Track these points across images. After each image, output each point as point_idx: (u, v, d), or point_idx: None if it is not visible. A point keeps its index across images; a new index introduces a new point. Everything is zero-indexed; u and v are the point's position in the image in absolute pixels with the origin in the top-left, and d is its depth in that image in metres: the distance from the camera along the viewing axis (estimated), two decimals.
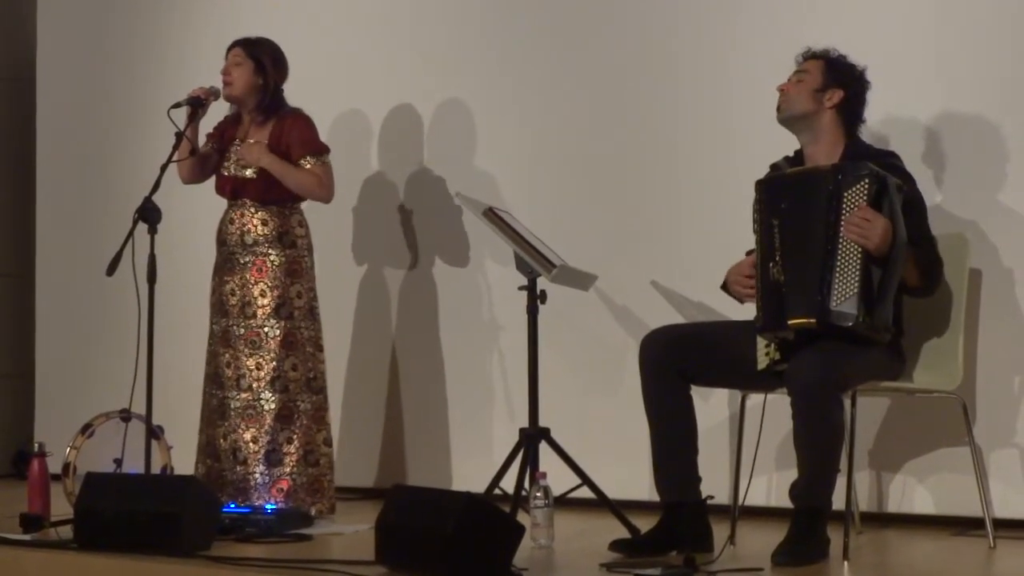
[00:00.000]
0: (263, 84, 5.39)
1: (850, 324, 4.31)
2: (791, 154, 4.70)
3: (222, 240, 5.45)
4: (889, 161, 4.52)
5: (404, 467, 6.09)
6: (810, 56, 4.67)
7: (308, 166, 5.37)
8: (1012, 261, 5.00)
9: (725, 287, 4.71)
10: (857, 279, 4.32)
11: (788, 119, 4.63)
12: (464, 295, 6.01)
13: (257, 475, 5.27)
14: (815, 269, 4.36)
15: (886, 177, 4.39)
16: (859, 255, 4.33)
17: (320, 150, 5.41)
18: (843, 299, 4.32)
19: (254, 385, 5.32)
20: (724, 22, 5.53)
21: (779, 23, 5.34)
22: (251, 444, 5.29)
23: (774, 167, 4.68)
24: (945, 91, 5.11)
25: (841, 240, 4.34)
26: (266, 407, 5.31)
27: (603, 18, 5.77)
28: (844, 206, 4.35)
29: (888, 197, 4.37)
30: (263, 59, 5.39)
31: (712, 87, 5.53)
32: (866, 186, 4.35)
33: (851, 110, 4.62)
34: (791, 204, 4.46)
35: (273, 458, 5.29)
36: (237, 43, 5.43)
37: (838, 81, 4.60)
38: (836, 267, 4.33)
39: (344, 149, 5.80)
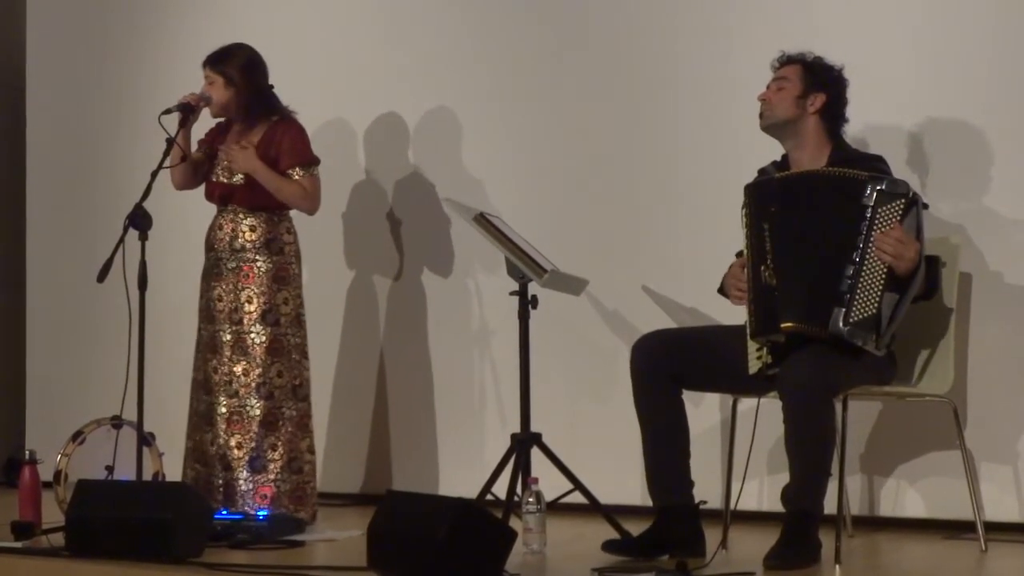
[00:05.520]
0: (235, 94, 5.39)
1: (861, 343, 4.31)
2: (778, 159, 4.70)
3: (210, 246, 5.45)
4: (875, 165, 4.51)
5: (392, 473, 6.09)
6: (786, 61, 4.67)
7: (296, 176, 5.37)
8: (1000, 264, 5.01)
9: (723, 290, 4.70)
10: (877, 299, 4.30)
11: (771, 127, 4.63)
12: (454, 301, 6.01)
13: (241, 481, 5.28)
14: (829, 277, 4.33)
15: (917, 196, 4.38)
16: (883, 274, 4.31)
17: (309, 161, 5.40)
18: (860, 316, 4.30)
19: (240, 391, 5.32)
20: (713, 28, 5.53)
21: (765, 29, 5.34)
22: (236, 450, 5.30)
23: (762, 172, 4.68)
24: (929, 95, 5.12)
25: (869, 256, 4.32)
26: (251, 413, 5.31)
27: (593, 23, 5.78)
28: (877, 221, 4.32)
29: (916, 216, 4.36)
30: (229, 72, 5.39)
31: (702, 91, 5.54)
32: (902, 205, 4.32)
33: (834, 112, 4.61)
34: (784, 207, 4.45)
35: (257, 464, 5.29)
36: (205, 61, 5.44)
37: (819, 85, 4.60)
38: (859, 283, 4.31)
39: (332, 155, 5.80)
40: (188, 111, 5.37)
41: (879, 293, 4.31)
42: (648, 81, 5.66)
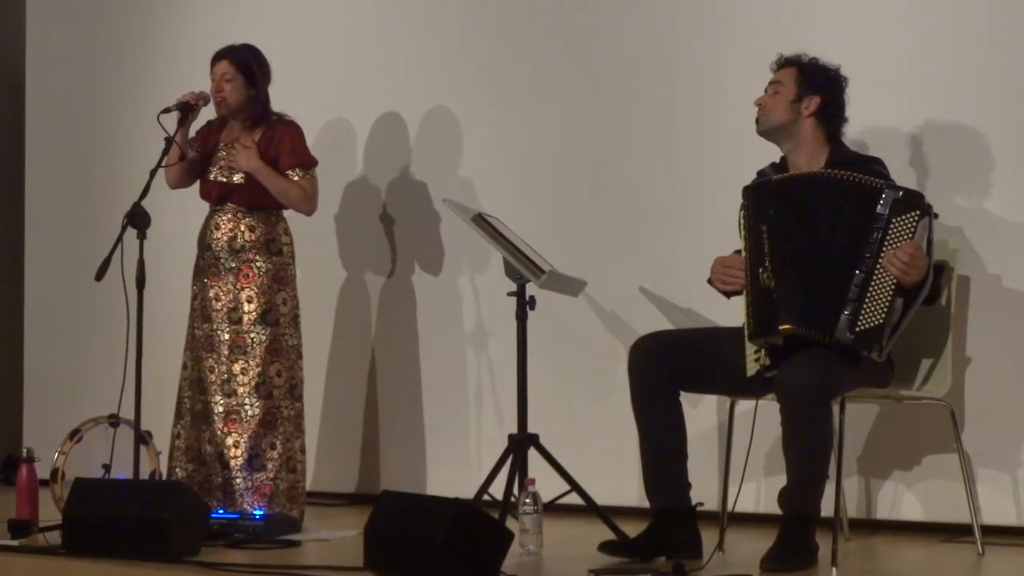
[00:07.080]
0: (256, 94, 5.40)
1: (866, 352, 4.31)
2: (777, 160, 4.70)
3: (206, 245, 5.44)
4: (873, 168, 4.50)
5: (385, 473, 6.09)
6: (783, 64, 4.67)
7: (296, 177, 5.38)
8: (998, 267, 5.01)
9: (711, 281, 4.70)
10: (885, 308, 4.30)
11: (768, 131, 4.63)
12: (445, 300, 6.00)
13: (239, 480, 5.27)
14: (833, 282, 4.32)
15: (930, 207, 4.37)
16: (892, 284, 4.30)
17: (309, 163, 5.41)
18: (867, 325, 4.30)
19: (239, 390, 5.32)
20: (713, 29, 5.54)
21: (764, 30, 5.34)
22: (233, 448, 5.29)
23: (761, 173, 4.68)
24: (928, 97, 5.12)
25: (879, 266, 4.31)
26: (250, 412, 5.30)
27: (590, 24, 5.77)
28: (891, 232, 4.31)
29: (928, 227, 4.35)
30: (252, 69, 5.39)
31: (701, 93, 5.54)
32: (916, 216, 4.32)
33: (830, 114, 4.60)
34: (782, 209, 4.44)
35: (256, 463, 5.29)
36: (222, 56, 5.42)
37: (813, 87, 4.59)
38: (868, 291, 4.30)
39: (327, 156, 5.79)
40: (187, 110, 5.36)
41: (887, 303, 4.30)
42: (647, 82, 5.65)
